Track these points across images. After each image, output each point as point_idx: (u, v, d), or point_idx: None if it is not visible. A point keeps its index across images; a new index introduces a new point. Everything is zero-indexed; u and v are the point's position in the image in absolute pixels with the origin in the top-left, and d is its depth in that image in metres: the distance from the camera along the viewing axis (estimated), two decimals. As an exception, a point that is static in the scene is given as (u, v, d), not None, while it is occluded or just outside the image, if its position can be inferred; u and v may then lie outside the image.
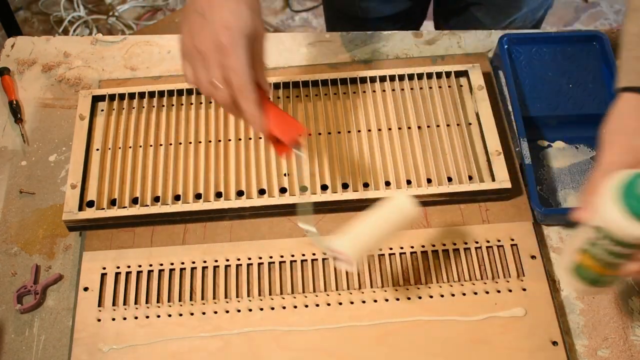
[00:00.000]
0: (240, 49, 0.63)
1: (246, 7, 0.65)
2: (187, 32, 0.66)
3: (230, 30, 0.63)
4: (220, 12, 0.63)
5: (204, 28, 0.64)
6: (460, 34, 0.99)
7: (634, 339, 0.74)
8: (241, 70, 0.64)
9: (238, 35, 0.63)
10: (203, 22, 0.64)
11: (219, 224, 0.81)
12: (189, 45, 0.66)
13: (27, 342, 0.74)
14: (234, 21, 0.64)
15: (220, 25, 0.63)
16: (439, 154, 0.84)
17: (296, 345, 0.73)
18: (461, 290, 0.76)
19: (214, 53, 0.63)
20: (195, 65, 0.66)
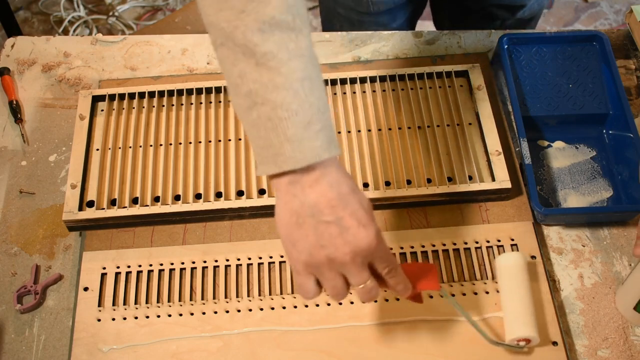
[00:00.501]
0: (381, 238, 0.59)
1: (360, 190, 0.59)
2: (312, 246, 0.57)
3: (368, 228, 0.57)
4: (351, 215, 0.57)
5: (338, 237, 0.57)
6: (460, 34, 0.99)
7: (634, 339, 0.74)
8: (389, 256, 0.60)
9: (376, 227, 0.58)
10: (335, 231, 0.57)
11: (219, 224, 0.81)
12: (319, 259, 0.57)
13: (27, 342, 0.74)
14: (367, 216, 0.58)
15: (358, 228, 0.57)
16: (439, 154, 0.84)
17: (296, 345, 0.73)
18: (461, 290, 0.76)
19: (359, 258, 0.58)
20: (328, 276, 0.59)
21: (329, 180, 0.57)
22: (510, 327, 0.71)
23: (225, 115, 0.89)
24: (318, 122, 0.56)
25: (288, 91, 0.55)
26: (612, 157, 0.87)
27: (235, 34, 0.54)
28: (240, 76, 0.56)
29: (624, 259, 0.79)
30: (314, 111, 0.56)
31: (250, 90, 0.55)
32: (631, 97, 0.93)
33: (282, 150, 0.55)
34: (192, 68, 0.96)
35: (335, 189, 0.57)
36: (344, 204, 0.57)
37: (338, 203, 0.57)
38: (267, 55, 0.54)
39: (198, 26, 1.59)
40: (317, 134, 0.56)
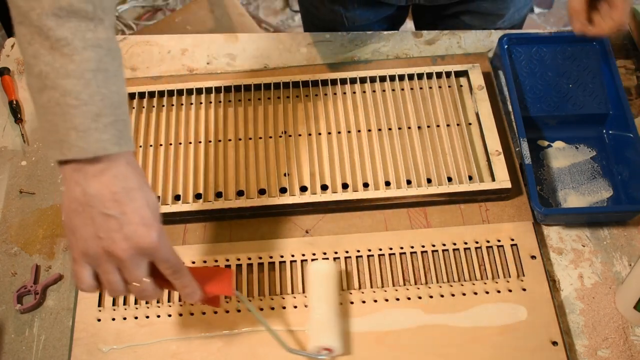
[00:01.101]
0: (164, 239, 0.59)
1: (150, 189, 0.59)
2: (89, 236, 0.57)
3: (150, 227, 0.57)
4: (134, 211, 0.57)
5: (117, 232, 0.56)
6: (460, 34, 0.99)
7: (634, 339, 0.74)
8: (172, 258, 0.60)
9: (158, 228, 0.58)
10: (114, 224, 0.56)
11: (219, 224, 0.81)
12: (95, 251, 0.57)
13: (27, 342, 0.74)
14: (151, 215, 0.58)
15: (140, 226, 0.57)
16: (439, 154, 0.84)
17: (296, 345, 0.73)
18: (461, 290, 0.76)
19: (137, 256, 0.58)
20: (105, 269, 0.58)
21: (115, 174, 0.57)
22: (314, 335, 0.71)
23: (225, 115, 0.89)
24: (110, 116, 0.56)
25: (79, 80, 0.55)
26: (612, 157, 0.87)
27: (31, 15, 0.54)
28: (34, 56, 0.55)
29: (624, 259, 0.79)
30: (106, 104, 0.56)
31: (42, 72, 0.55)
32: (631, 97, 0.93)
33: (68, 137, 0.55)
34: (192, 68, 0.96)
35: (120, 182, 0.57)
36: (129, 199, 0.57)
37: (122, 197, 0.57)
38: (61, 41, 0.54)
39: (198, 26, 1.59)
40: (106, 126, 0.56)
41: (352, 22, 1.06)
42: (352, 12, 1.04)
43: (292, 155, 0.85)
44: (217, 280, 0.67)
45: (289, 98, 0.90)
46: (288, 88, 0.91)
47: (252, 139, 0.86)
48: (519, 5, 1.04)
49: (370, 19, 1.06)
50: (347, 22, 1.06)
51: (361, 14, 1.05)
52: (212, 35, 1.00)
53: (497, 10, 1.03)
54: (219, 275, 0.67)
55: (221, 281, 0.67)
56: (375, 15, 1.06)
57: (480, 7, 1.02)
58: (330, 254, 0.78)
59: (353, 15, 1.04)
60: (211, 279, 0.66)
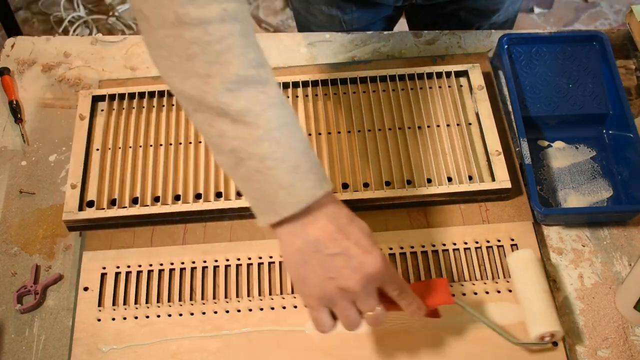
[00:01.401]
0: (387, 262, 0.60)
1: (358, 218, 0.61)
2: (321, 280, 0.59)
3: (373, 253, 0.59)
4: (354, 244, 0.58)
5: (345, 267, 0.58)
6: (460, 34, 0.99)
7: (634, 339, 0.74)
8: (398, 278, 0.62)
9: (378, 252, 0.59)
10: (341, 262, 0.58)
11: (219, 224, 0.81)
12: (330, 291, 0.59)
13: (27, 342, 0.74)
14: (369, 241, 0.59)
15: (364, 255, 0.58)
16: (439, 154, 0.84)
17: (296, 345, 0.73)
18: (461, 290, 0.76)
19: (368, 285, 0.59)
20: (342, 306, 0.60)
21: (326, 214, 0.59)
22: (533, 324, 0.71)
23: (225, 115, 0.88)
24: (305, 164, 0.58)
25: (270, 142, 0.56)
26: (612, 157, 0.87)
27: (206, 99, 0.56)
28: (219, 136, 0.57)
29: (624, 259, 0.79)
30: (299, 154, 0.58)
31: (233, 148, 0.57)
32: (631, 97, 0.93)
33: (278, 198, 0.57)
34: (192, 68, 0.96)
35: (334, 221, 0.59)
36: (346, 234, 0.59)
37: (339, 235, 0.58)
38: (241, 112, 0.56)
39: (198, 26, 1.58)
40: (306, 175, 0.58)
41: (350, 25, 1.06)
42: (350, 15, 1.04)
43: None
44: (435, 291, 0.67)
45: (289, 98, 0.90)
46: (288, 88, 0.90)
47: (252, 139, 0.86)
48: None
49: (368, 20, 1.06)
50: (345, 26, 1.06)
51: (359, 17, 1.05)
52: (212, 35, 1.00)
53: (493, 5, 1.03)
54: (435, 286, 0.68)
55: (440, 291, 0.67)
56: (373, 17, 1.06)
57: (476, 3, 1.03)
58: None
59: (351, 19, 1.04)
60: (429, 291, 0.67)
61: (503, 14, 1.06)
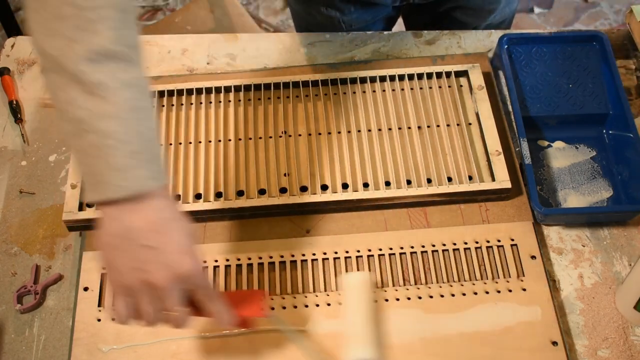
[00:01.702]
0: (201, 266, 0.60)
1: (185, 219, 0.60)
2: (127, 269, 0.58)
3: (188, 255, 0.59)
4: (172, 240, 0.58)
5: (156, 262, 0.58)
6: (460, 34, 0.99)
7: (634, 339, 0.74)
8: (209, 284, 0.62)
9: (195, 256, 0.59)
10: (153, 255, 0.57)
11: (219, 224, 0.81)
12: (134, 282, 0.58)
13: (27, 342, 0.74)
14: (189, 243, 0.59)
15: (178, 254, 0.58)
16: (439, 154, 0.84)
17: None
18: (461, 290, 0.76)
19: (175, 284, 0.58)
20: (141, 299, 0.59)
21: (153, 207, 0.58)
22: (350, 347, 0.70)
23: (225, 115, 0.89)
24: (147, 152, 0.58)
25: (117, 121, 0.56)
26: (612, 157, 0.87)
27: (65, 63, 0.55)
28: (69, 103, 0.56)
29: (624, 259, 0.79)
30: (143, 141, 0.57)
31: (79, 118, 0.56)
32: (631, 97, 0.93)
33: (110, 178, 0.56)
34: (192, 68, 0.96)
35: (159, 215, 0.58)
36: (167, 230, 0.58)
37: (160, 229, 0.58)
38: (97, 85, 0.55)
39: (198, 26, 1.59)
40: (144, 163, 0.57)
41: (349, 25, 1.06)
42: (348, 16, 1.04)
43: (292, 155, 0.85)
44: (249, 303, 0.67)
45: (289, 98, 0.90)
46: (288, 88, 0.90)
47: (252, 139, 0.86)
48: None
49: (367, 21, 1.07)
50: (344, 27, 1.06)
51: (358, 17, 1.05)
52: (212, 35, 1.00)
53: (488, 5, 1.03)
54: (251, 297, 0.68)
55: (254, 303, 0.67)
56: (372, 17, 1.07)
57: (471, 2, 1.03)
58: (330, 254, 0.78)
59: (350, 19, 1.05)
60: (243, 301, 0.67)
61: (499, 15, 1.06)
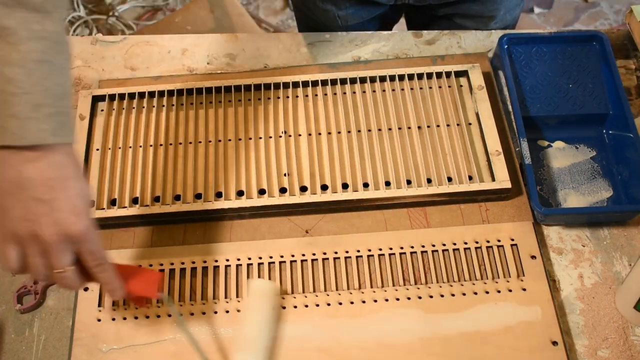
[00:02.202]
0: (92, 231, 0.60)
1: (86, 181, 0.61)
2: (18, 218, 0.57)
3: (79, 216, 0.58)
4: (66, 199, 0.58)
5: (46, 216, 0.57)
6: (460, 34, 0.99)
7: (634, 339, 0.74)
8: (98, 251, 0.61)
9: (87, 218, 0.59)
10: (45, 209, 0.57)
11: (219, 224, 0.81)
12: (23, 232, 0.58)
13: (27, 342, 0.74)
14: (83, 205, 0.59)
15: (70, 213, 0.58)
16: (439, 154, 0.84)
17: (296, 345, 0.73)
18: (461, 290, 0.76)
19: (63, 243, 0.58)
20: (30, 251, 0.59)
21: (52, 162, 0.58)
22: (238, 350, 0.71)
23: (225, 115, 0.89)
24: (51, 107, 0.57)
25: (22, 69, 0.56)
26: (612, 157, 0.87)
27: None
28: None
29: (624, 259, 0.79)
30: (48, 95, 0.57)
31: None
32: (631, 97, 0.93)
33: (7, 124, 0.56)
34: (192, 68, 0.96)
35: (56, 170, 0.58)
36: (62, 187, 0.58)
37: (56, 184, 0.58)
38: (6, 30, 0.55)
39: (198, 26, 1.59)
40: (46, 117, 0.57)
41: (345, 20, 1.06)
42: (344, 11, 1.04)
43: (292, 155, 0.85)
44: (142, 280, 0.67)
45: (289, 98, 0.90)
46: (288, 88, 0.91)
47: (252, 139, 0.86)
48: (509, 6, 1.04)
49: (363, 17, 1.07)
50: (340, 22, 1.06)
51: (354, 13, 1.05)
52: (212, 35, 1.00)
53: (487, 12, 1.03)
54: (146, 276, 0.68)
55: (146, 282, 0.67)
56: (368, 14, 1.07)
57: (470, 10, 1.03)
58: (330, 254, 0.78)
59: (346, 14, 1.05)
60: (136, 278, 0.67)
61: (499, 22, 1.06)
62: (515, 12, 1.07)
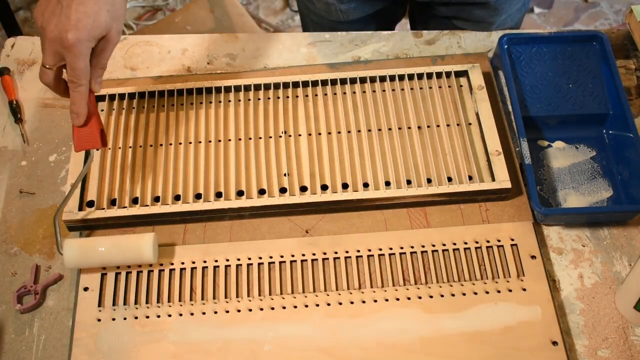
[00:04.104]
0: (81, 48, 0.67)
1: (106, 12, 0.68)
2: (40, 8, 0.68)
3: (78, 31, 0.66)
4: (77, 10, 0.66)
5: (55, 14, 0.66)
6: (460, 34, 0.99)
7: (634, 339, 0.74)
8: (78, 68, 0.68)
9: (85, 36, 0.66)
10: (57, 8, 0.66)
11: (219, 224, 0.81)
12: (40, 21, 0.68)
13: (27, 342, 0.74)
14: (86, 23, 0.66)
15: (71, 22, 0.66)
16: (439, 154, 0.85)
17: (296, 345, 0.73)
18: (461, 290, 0.76)
19: (55, 43, 0.67)
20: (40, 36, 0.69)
21: None
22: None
23: (225, 115, 0.89)
24: None
25: None
26: (612, 157, 0.87)
27: None
28: None
29: (624, 259, 0.79)
30: None
31: None
32: (631, 97, 0.93)
33: None
34: (192, 68, 0.96)
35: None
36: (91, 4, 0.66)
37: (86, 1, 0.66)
38: None
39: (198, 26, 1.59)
40: None
41: (347, 15, 1.06)
42: (346, 5, 1.04)
43: (292, 155, 0.85)
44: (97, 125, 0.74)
45: (289, 98, 0.90)
46: (288, 88, 0.91)
47: (252, 139, 0.86)
48: (510, 11, 1.04)
49: (365, 12, 1.07)
50: (342, 16, 1.06)
51: (356, 7, 1.05)
52: (212, 35, 1.00)
53: (488, 18, 1.03)
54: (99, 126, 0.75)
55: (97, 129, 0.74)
56: (370, 8, 1.07)
57: (472, 15, 1.03)
58: (330, 254, 0.78)
59: (347, 9, 1.05)
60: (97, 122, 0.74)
61: (500, 27, 1.06)
62: (516, 17, 1.07)
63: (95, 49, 0.70)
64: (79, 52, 0.67)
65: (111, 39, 0.70)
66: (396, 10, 1.14)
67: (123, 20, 0.71)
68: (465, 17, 1.03)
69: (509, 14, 1.04)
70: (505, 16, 1.04)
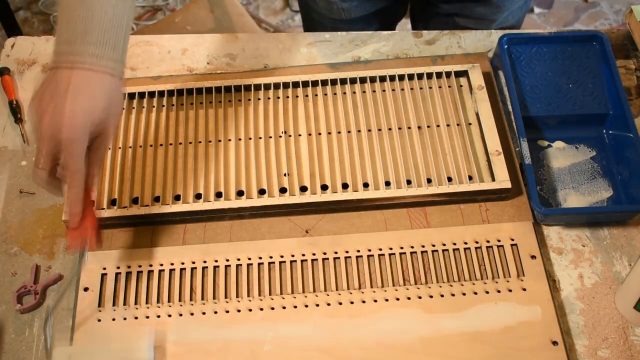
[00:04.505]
0: (76, 148, 0.63)
1: (101, 110, 0.64)
2: (37, 100, 0.64)
3: (74, 128, 0.62)
4: (72, 104, 0.62)
5: (49, 109, 0.63)
6: (460, 33, 0.99)
7: (634, 339, 0.74)
8: (74, 168, 0.64)
9: (78, 136, 0.63)
10: (52, 102, 0.63)
11: (219, 224, 0.81)
12: (36, 108, 0.64)
13: (27, 342, 0.74)
14: (82, 117, 0.63)
15: (66, 118, 0.62)
16: (439, 154, 0.85)
17: (296, 345, 0.73)
18: (461, 290, 0.76)
19: (49, 141, 0.63)
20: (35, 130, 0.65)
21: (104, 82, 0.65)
22: None
23: (225, 115, 0.89)
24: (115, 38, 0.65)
25: None
26: (612, 157, 0.87)
27: None
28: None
29: (624, 259, 0.79)
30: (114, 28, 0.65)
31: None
32: (631, 97, 0.93)
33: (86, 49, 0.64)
34: (192, 68, 0.96)
35: (84, 81, 0.64)
36: (76, 94, 0.63)
37: (74, 90, 0.63)
38: None
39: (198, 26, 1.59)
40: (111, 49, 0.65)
41: (349, 13, 1.06)
42: (348, 3, 1.04)
43: (292, 155, 0.85)
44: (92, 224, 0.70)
45: (289, 98, 0.90)
46: (288, 88, 0.91)
47: (252, 139, 0.86)
48: (512, 8, 1.04)
49: (367, 10, 1.07)
50: (344, 14, 1.06)
51: (357, 5, 1.05)
52: (212, 35, 1.00)
53: (490, 15, 1.03)
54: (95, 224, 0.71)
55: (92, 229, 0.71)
56: (372, 6, 1.07)
57: (474, 12, 1.03)
58: (330, 254, 0.78)
59: (349, 7, 1.05)
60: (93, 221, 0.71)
61: (501, 25, 1.06)
62: (518, 14, 1.07)
63: (91, 146, 0.66)
64: (73, 151, 0.63)
65: (108, 136, 0.67)
66: (398, 8, 1.14)
67: (120, 115, 0.68)
68: (467, 14, 1.04)
69: (510, 11, 1.04)
70: (507, 13, 1.04)
